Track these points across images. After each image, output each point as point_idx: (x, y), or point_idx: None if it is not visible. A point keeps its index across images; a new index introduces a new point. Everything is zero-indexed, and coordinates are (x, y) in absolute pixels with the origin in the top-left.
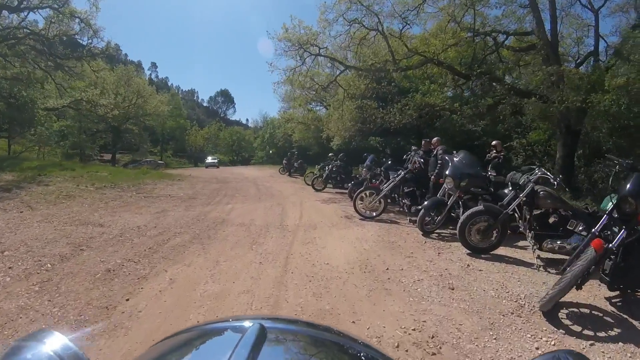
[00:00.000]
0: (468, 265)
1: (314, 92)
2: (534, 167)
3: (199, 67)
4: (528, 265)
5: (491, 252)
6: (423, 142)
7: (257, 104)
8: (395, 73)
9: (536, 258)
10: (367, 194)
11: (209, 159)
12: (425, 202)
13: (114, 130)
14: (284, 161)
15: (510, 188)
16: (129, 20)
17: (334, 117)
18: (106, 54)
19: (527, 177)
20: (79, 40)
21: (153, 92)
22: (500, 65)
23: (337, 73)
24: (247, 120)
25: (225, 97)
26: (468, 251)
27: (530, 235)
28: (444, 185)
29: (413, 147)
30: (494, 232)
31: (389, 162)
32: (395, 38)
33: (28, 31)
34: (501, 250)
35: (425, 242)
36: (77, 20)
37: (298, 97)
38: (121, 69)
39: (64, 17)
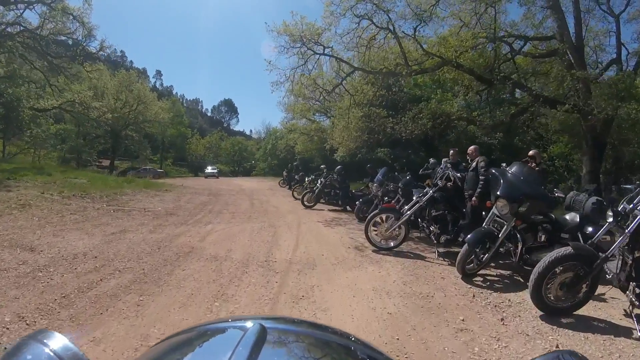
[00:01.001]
0: (557, 346)
1: (317, 101)
2: (631, 186)
3: (204, 76)
4: None
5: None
6: (451, 151)
7: (260, 115)
8: (406, 78)
9: None
10: (384, 218)
11: (209, 169)
12: (470, 236)
13: (113, 136)
14: (284, 173)
15: (610, 219)
16: (136, 27)
17: (339, 127)
18: (100, 55)
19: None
20: (74, 39)
21: (154, 98)
22: (514, 75)
23: (344, 76)
24: (250, 131)
25: (229, 107)
26: (541, 313)
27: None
28: (493, 209)
29: (431, 160)
30: (584, 285)
31: (408, 177)
32: (410, 37)
33: (22, 28)
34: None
35: (474, 297)
36: (71, 18)
37: (299, 105)
38: (122, 74)
39: (57, 14)
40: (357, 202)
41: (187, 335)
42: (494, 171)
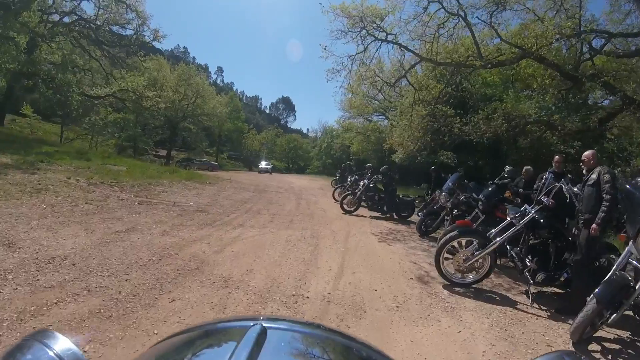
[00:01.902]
0: None
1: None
2: None
3: (264, 74)
4: None
5: None
6: (556, 157)
7: (317, 114)
8: (474, 76)
9: None
10: (463, 243)
11: (263, 164)
12: (602, 290)
13: (170, 127)
14: (338, 173)
15: None
16: (199, 25)
17: (399, 126)
18: (154, 43)
19: None
20: (129, 29)
21: (212, 92)
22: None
23: (408, 68)
24: (307, 129)
25: (287, 105)
26: None
27: None
28: (630, 248)
29: (508, 167)
30: None
31: (494, 186)
32: (483, 26)
33: (77, 16)
34: None
35: None
36: (125, 7)
37: (357, 99)
38: (182, 67)
39: (111, 2)
40: (414, 213)
41: (187, 335)
42: (629, 188)
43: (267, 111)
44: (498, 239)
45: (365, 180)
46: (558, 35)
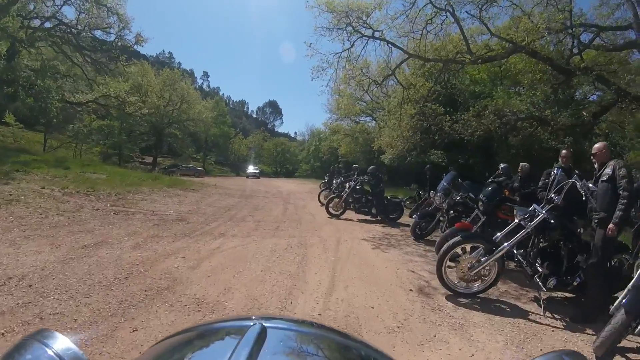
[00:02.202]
0: None
1: (362, 101)
2: None
3: (250, 79)
4: None
5: None
6: (563, 152)
7: (305, 118)
8: (461, 74)
9: None
10: (468, 249)
11: (250, 169)
12: (632, 298)
13: (156, 133)
14: (326, 176)
15: None
16: (184, 30)
17: (388, 125)
18: (136, 47)
19: None
20: (110, 33)
21: (197, 97)
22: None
23: (396, 65)
24: (295, 133)
25: (273, 108)
26: None
27: None
28: None
29: (502, 164)
30: None
31: (494, 184)
32: (472, 20)
33: (57, 21)
34: None
35: None
36: (105, 10)
37: (344, 99)
38: (166, 72)
39: (91, 6)
40: (402, 214)
41: (187, 335)
42: None
43: (254, 115)
44: (506, 244)
45: (352, 182)
46: (547, 30)
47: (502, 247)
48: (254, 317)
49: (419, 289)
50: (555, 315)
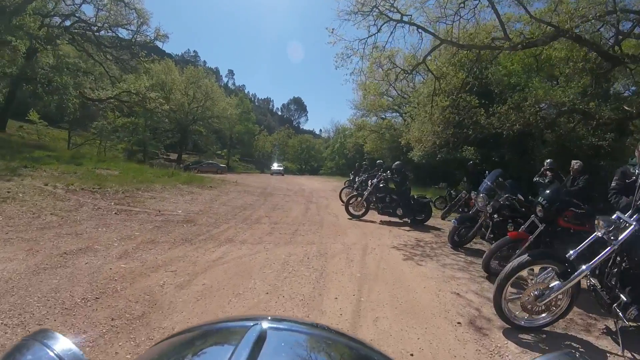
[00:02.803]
0: None
1: (389, 97)
2: None
3: (275, 76)
4: None
5: None
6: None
7: (330, 115)
8: (499, 59)
9: None
10: (536, 271)
11: (275, 166)
12: None
13: (180, 130)
14: (351, 174)
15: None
16: (210, 29)
17: (418, 118)
18: (156, 43)
19: None
20: (130, 30)
21: (222, 94)
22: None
23: (427, 52)
24: (320, 130)
25: (298, 105)
26: None
27: None
28: None
29: (548, 160)
30: None
31: (555, 184)
32: (510, 2)
33: (76, 18)
34: None
35: None
36: (123, 5)
37: (372, 86)
38: (190, 69)
39: (109, 2)
40: (430, 216)
41: (187, 335)
42: None
43: (279, 113)
44: (585, 267)
45: (375, 180)
46: (591, 15)
47: (580, 270)
48: (254, 318)
49: (470, 322)
50: (635, 355)
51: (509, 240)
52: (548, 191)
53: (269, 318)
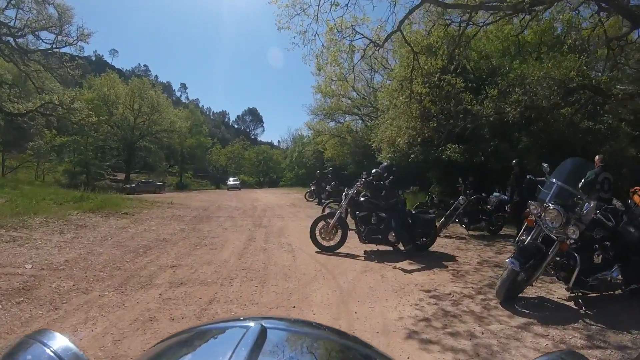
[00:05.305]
0: None
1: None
2: None
3: (230, 88)
4: None
5: None
6: None
7: (287, 124)
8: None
9: None
10: None
11: (231, 180)
12: None
13: (127, 147)
14: (312, 185)
15: None
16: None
17: (390, 115)
18: (79, 44)
19: None
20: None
21: (169, 105)
22: None
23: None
24: (278, 142)
25: (254, 116)
26: None
27: None
28: None
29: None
30: None
31: None
32: None
33: None
34: None
35: None
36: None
37: (327, 76)
38: (135, 81)
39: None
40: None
41: (187, 335)
42: None
43: (236, 125)
44: None
45: (350, 190)
46: None
47: None
48: (254, 318)
49: None
50: None
51: None
52: None
53: (269, 318)
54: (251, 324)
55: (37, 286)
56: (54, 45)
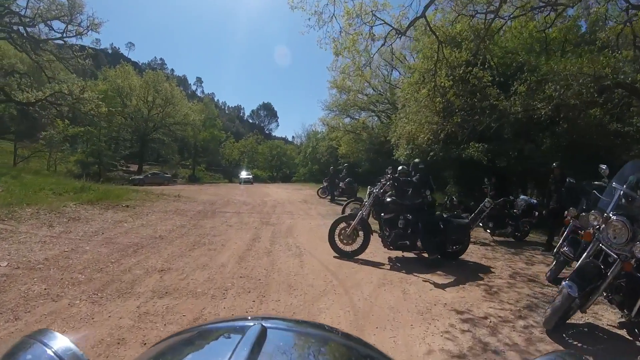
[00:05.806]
0: None
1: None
2: None
3: (246, 83)
4: None
5: None
6: None
7: (302, 120)
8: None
9: None
10: None
11: (243, 174)
12: None
13: (140, 139)
14: (325, 181)
15: None
16: (178, 37)
17: (411, 109)
18: (89, 33)
19: None
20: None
21: (183, 97)
22: None
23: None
24: (292, 137)
25: (268, 111)
26: None
27: None
28: None
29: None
30: None
31: None
32: None
33: (5, 9)
34: None
35: None
36: None
37: (349, 48)
38: (150, 73)
39: None
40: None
41: (187, 335)
42: None
43: (250, 120)
44: None
45: (375, 189)
46: None
47: None
48: (254, 318)
49: None
50: None
51: None
52: None
53: (269, 318)
54: (251, 323)
55: (5, 289)
56: (65, 35)
